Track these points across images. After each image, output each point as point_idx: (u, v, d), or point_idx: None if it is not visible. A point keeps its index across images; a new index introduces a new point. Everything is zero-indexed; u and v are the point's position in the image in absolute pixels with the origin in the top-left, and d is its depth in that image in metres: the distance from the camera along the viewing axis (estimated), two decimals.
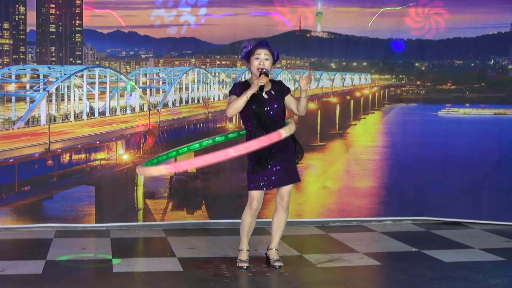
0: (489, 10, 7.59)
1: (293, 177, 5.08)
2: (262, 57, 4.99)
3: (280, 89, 5.08)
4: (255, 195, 5.03)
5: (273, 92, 5.05)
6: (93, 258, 5.45)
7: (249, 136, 4.99)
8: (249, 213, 5.07)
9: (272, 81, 5.13)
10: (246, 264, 5.09)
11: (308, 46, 7.82)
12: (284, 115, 5.09)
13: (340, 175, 7.62)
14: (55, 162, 6.87)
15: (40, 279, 4.77)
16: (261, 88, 4.90)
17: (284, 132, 4.81)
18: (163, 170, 4.90)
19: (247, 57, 5.06)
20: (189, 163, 5.06)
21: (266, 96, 5.00)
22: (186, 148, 5.34)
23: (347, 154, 7.82)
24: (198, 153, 5.20)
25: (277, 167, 4.99)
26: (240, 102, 4.89)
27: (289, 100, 5.12)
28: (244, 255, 5.14)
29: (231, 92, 5.03)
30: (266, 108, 4.96)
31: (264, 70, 4.93)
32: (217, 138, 5.38)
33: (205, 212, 7.20)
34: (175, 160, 5.39)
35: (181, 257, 5.48)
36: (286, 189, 5.09)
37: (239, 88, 4.99)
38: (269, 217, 5.24)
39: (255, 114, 4.94)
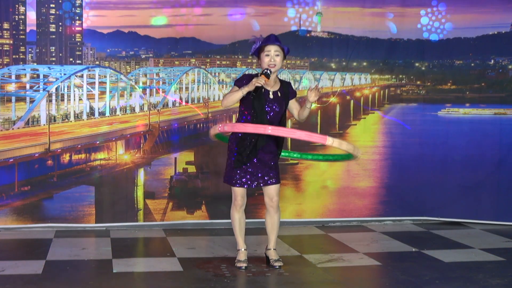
0: (489, 10, 7.59)
1: (276, 178, 5.05)
2: (273, 54, 4.95)
3: (287, 92, 5.06)
4: (239, 191, 5.04)
5: (279, 94, 5.02)
6: (93, 258, 5.45)
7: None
8: (235, 210, 5.09)
9: (281, 81, 5.11)
10: (245, 264, 5.08)
11: (308, 46, 7.82)
12: (283, 119, 5.06)
13: (340, 175, 7.62)
14: (55, 162, 6.87)
15: (40, 279, 4.77)
16: (257, 89, 4.87)
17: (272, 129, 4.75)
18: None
19: (257, 54, 5.03)
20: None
21: (271, 96, 4.98)
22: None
23: None
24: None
25: (260, 165, 4.97)
26: (235, 96, 4.87)
27: (292, 104, 5.11)
28: (242, 255, 5.14)
29: (236, 82, 5.00)
30: (266, 108, 4.95)
31: (265, 71, 4.89)
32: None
33: (205, 212, 7.20)
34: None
35: (181, 257, 5.48)
36: (273, 190, 5.06)
37: (243, 80, 4.95)
38: None
39: (254, 110, 4.91)
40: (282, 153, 5.22)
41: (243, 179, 5.00)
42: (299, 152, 5.88)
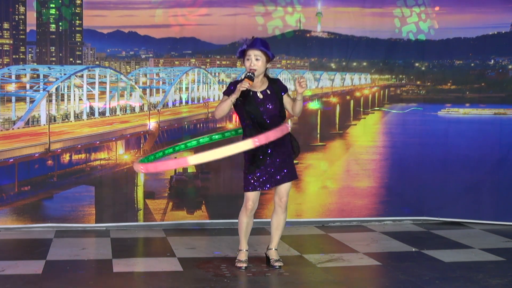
0: (489, 10, 7.59)
1: (290, 175, 5.04)
2: (252, 58, 4.95)
3: (277, 88, 5.05)
4: (251, 196, 5.02)
5: (268, 92, 5.00)
6: (93, 258, 5.45)
7: (245, 136, 4.96)
8: (245, 214, 5.08)
9: (269, 79, 5.10)
10: (245, 265, 5.08)
11: (308, 46, 7.82)
12: (282, 114, 5.05)
13: (340, 175, 7.62)
14: (55, 162, 6.87)
15: (40, 279, 4.77)
16: (242, 93, 4.86)
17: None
18: (172, 164, 4.72)
19: (243, 57, 5.05)
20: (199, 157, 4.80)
21: (261, 96, 4.98)
22: (183, 145, 5.31)
23: (347, 154, 7.82)
24: (196, 150, 5.17)
25: (273, 166, 4.97)
26: (225, 105, 4.88)
27: (285, 100, 5.09)
28: (243, 256, 5.14)
29: (224, 92, 5.02)
30: (260, 108, 4.94)
31: (249, 74, 4.90)
32: (214, 136, 5.35)
33: (205, 212, 7.20)
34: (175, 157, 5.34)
35: (181, 257, 5.48)
36: (284, 189, 5.07)
37: (231, 87, 4.97)
38: (268, 217, 5.24)
39: (249, 114, 4.92)
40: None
41: (255, 183, 4.98)
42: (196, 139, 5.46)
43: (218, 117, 4.97)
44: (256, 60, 4.94)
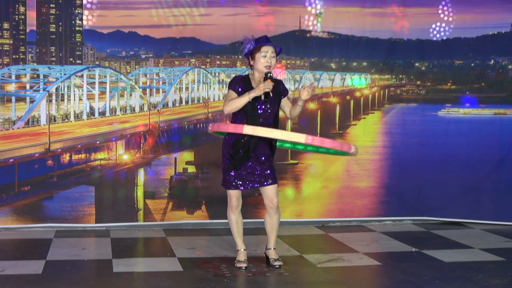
0: (489, 10, 7.59)
1: (273, 177, 5.01)
2: (270, 55, 4.92)
3: (278, 90, 5.03)
4: (233, 193, 5.04)
5: (271, 94, 4.99)
6: (93, 258, 5.45)
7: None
8: (231, 212, 5.10)
9: (272, 80, 5.08)
10: (245, 265, 5.08)
11: (308, 46, 7.82)
12: (277, 118, 5.03)
13: (340, 175, 7.62)
14: (55, 162, 6.87)
15: (40, 279, 4.78)
16: (266, 93, 4.85)
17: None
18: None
19: (249, 54, 5.00)
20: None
21: (263, 98, 4.95)
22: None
23: None
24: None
25: (256, 166, 4.95)
26: (240, 102, 4.83)
27: (284, 103, 5.08)
28: (242, 256, 5.14)
29: (230, 86, 4.97)
30: (259, 111, 4.91)
31: (270, 75, 4.87)
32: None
33: (205, 212, 7.20)
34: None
35: (181, 257, 5.48)
36: (271, 191, 5.03)
37: (238, 83, 4.94)
38: None
39: (246, 113, 4.90)
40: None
41: (239, 182, 4.99)
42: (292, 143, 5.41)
43: (227, 113, 4.93)
44: (272, 57, 4.93)
